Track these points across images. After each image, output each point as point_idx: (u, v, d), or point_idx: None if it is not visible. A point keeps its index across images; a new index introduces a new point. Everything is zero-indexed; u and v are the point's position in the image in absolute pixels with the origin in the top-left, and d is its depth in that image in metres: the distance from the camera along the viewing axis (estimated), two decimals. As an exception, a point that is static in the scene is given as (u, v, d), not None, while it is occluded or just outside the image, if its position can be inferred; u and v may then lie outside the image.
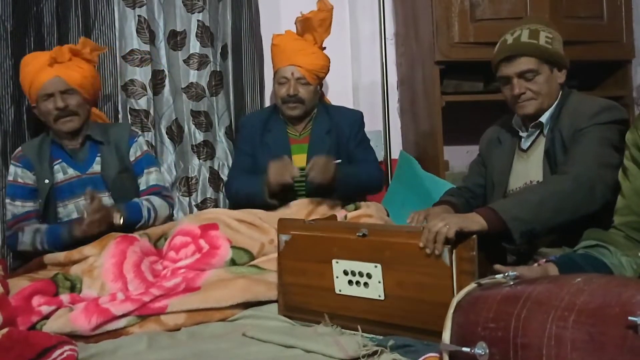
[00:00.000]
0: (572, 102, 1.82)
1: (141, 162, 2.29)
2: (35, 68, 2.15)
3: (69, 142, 2.23)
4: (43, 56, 2.19)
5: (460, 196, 2.03)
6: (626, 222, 1.49)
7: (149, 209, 2.19)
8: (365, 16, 3.04)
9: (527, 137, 1.88)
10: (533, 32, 1.79)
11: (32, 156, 2.18)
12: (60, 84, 2.14)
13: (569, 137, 1.75)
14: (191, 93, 2.70)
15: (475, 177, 2.08)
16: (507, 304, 1.12)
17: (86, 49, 2.23)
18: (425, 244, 1.45)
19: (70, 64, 2.18)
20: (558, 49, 1.82)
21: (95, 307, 1.68)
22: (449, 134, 2.70)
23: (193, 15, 2.68)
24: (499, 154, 1.97)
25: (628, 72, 2.79)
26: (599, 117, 1.72)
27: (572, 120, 1.76)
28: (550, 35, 1.80)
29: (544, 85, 1.81)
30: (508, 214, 1.54)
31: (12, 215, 2.16)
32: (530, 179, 1.84)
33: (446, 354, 1.17)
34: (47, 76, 2.14)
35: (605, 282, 1.08)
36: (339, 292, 1.61)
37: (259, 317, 1.73)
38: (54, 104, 2.13)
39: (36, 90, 2.15)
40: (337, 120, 2.48)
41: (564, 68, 1.84)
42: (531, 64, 1.79)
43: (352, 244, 1.58)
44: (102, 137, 2.24)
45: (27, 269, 2.03)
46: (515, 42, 1.81)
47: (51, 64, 2.14)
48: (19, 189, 2.17)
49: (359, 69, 3.05)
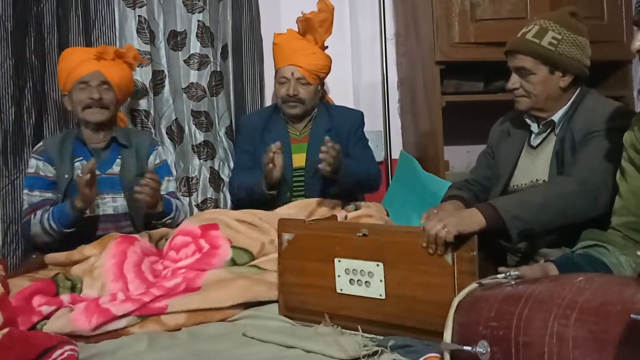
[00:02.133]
0: (588, 103, 1.77)
1: (160, 170, 2.32)
2: (79, 59, 2.23)
3: (92, 140, 2.27)
4: (87, 50, 2.31)
5: (468, 190, 2.00)
6: (624, 222, 1.48)
7: (177, 207, 2.29)
8: (366, 16, 3.05)
9: (538, 134, 1.85)
10: (541, 30, 1.76)
11: (53, 151, 2.22)
12: (100, 77, 2.22)
13: (580, 138, 1.71)
14: (191, 93, 2.70)
15: (484, 169, 2.04)
16: (509, 303, 1.12)
17: (130, 54, 2.34)
18: (427, 245, 1.46)
19: (113, 62, 2.27)
20: (564, 52, 1.75)
21: (96, 307, 1.67)
22: (449, 134, 2.70)
23: (193, 15, 2.68)
24: (507, 146, 1.94)
25: (628, 72, 2.79)
26: (614, 122, 1.67)
27: (586, 121, 1.72)
28: (559, 36, 1.74)
29: (538, 85, 1.77)
30: (508, 213, 1.53)
31: (29, 204, 2.17)
32: (537, 177, 1.81)
33: (447, 353, 1.17)
34: (89, 68, 2.21)
35: (606, 280, 1.09)
36: (340, 292, 1.61)
37: (259, 317, 1.73)
38: (89, 94, 2.19)
39: (74, 78, 2.20)
40: (338, 119, 2.48)
41: (569, 72, 1.77)
42: (526, 63, 1.77)
43: (355, 243, 1.59)
44: (125, 141, 2.29)
45: (27, 268, 2.03)
46: (519, 37, 1.79)
47: (97, 58, 2.23)
48: (39, 180, 2.20)
49: (359, 69, 3.05)
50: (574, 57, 1.76)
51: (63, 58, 2.27)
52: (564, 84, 1.78)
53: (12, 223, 2.26)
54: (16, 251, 2.27)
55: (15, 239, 2.26)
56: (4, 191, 2.26)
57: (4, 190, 2.26)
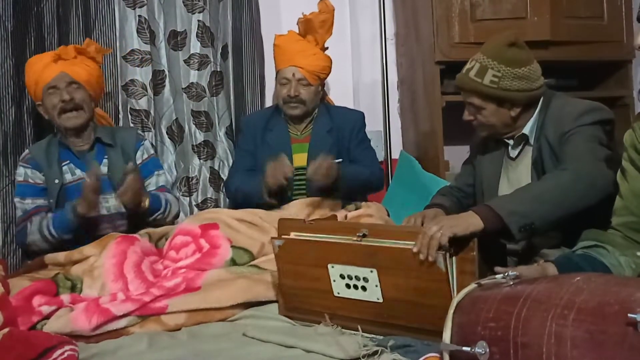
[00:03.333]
0: (555, 108, 1.79)
1: (148, 165, 2.31)
2: (41, 66, 2.17)
3: (76, 143, 2.23)
4: (48, 55, 2.23)
5: (451, 195, 2.03)
6: (624, 222, 1.48)
7: (166, 201, 2.25)
8: (366, 16, 3.05)
9: (514, 147, 1.87)
10: (481, 69, 1.76)
11: (40, 158, 2.19)
12: (65, 78, 2.17)
13: (556, 142, 1.73)
14: (191, 93, 2.70)
15: (466, 176, 2.07)
16: (507, 303, 1.12)
17: (91, 48, 2.27)
18: (419, 249, 1.43)
19: (76, 61, 2.22)
20: (507, 87, 1.74)
21: (96, 307, 1.67)
22: (449, 134, 2.70)
23: (193, 15, 2.69)
24: (489, 159, 1.96)
25: (628, 72, 2.78)
26: (583, 119, 1.70)
27: (556, 125, 1.74)
28: (499, 73, 1.73)
29: (492, 117, 1.80)
30: (504, 210, 1.51)
31: (23, 212, 2.16)
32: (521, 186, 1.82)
33: (446, 354, 1.17)
34: (53, 72, 2.17)
35: (605, 280, 1.09)
36: (338, 295, 1.60)
37: (259, 317, 1.73)
38: (60, 97, 2.15)
39: (42, 85, 2.16)
40: (338, 120, 2.49)
41: (516, 104, 1.77)
42: (474, 100, 1.80)
43: (347, 249, 1.55)
44: (110, 140, 2.26)
45: (27, 269, 2.03)
46: (463, 76, 1.81)
47: (55, 60, 2.18)
48: (30, 188, 2.18)
49: (360, 69, 3.05)
50: (518, 89, 1.75)
51: (28, 69, 2.22)
52: (515, 113, 1.79)
53: (12, 223, 2.26)
54: (16, 251, 2.28)
55: (16, 239, 2.25)
56: (4, 191, 2.26)
57: (4, 190, 2.26)
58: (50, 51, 2.31)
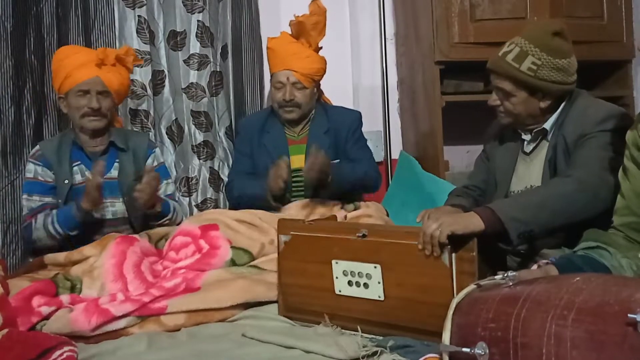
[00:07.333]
0: (578, 107, 1.74)
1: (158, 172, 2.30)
2: (76, 62, 2.16)
3: (90, 144, 2.23)
4: (85, 52, 2.23)
5: (468, 196, 1.99)
6: (626, 222, 1.47)
7: (174, 208, 2.27)
8: (365, 16, 3.05)
9: (530, 142, 1.84)
10: (521, 53, 1.69)
11: (50, 156, 2.18)
12: (99, 85, 2.16)
13: (573, 142, 1.69)
14: (191, 93, 2.70)
15: (482, 173, 2.03)
16: (507, 304, 1.12)
17: (129, 58, 2.27)
18: (423, 246, 1.45)
19: (113, 68, 2.21)
20: (544, 77, 1.69)
21: (95, 308, 1.67)
22: (449, 134, 2.70)
23: (193, 15, 2.69)
24: (503, 153, 1.93)
25: (628, 72, 2.79)
26: (605, 124, 1.66)
27: (577, 125, 1.70)
28: (539, 61, 1.68)
29: (519, 106, 1.74)
30: (506, 215, 1.52)
31: (29, 209, 2.15)
32: (531, 183, 1.81)
33: (446, 355, 1.17)
34: (89, 74, 2.15)
35: (604, 281, 1.09)
36: (339, 293, 1.61)
37: (258, 318, 1.73)
38: (88, 102, 2.14)
39: (72, 84, 2.15)
40: (335, 120, 2.48)
41: (549, 95, 1.73)
42: (505, 85, 1.74)
43: (352, 245, 1.58)
44: (123, 145, 2.26)
45: (27, 269, 2.03)
46: (500, 57, 1.74)
47: (99, 64, 2.17)
48: (38, 186, 2.17)
49: (359, 69, 3.05)
50: (554, 81, 1.70)
51: (61, 58, 2.19)
52: (545, 105, 1.75)
53: (11, 223, 2.26)
54: (16, 251, 2.27)
55: (15, 239, 2.26)
56: (3, 191, 2.26)
57: (3, 190, 2.26)
58: (88, 48, 2.34)
